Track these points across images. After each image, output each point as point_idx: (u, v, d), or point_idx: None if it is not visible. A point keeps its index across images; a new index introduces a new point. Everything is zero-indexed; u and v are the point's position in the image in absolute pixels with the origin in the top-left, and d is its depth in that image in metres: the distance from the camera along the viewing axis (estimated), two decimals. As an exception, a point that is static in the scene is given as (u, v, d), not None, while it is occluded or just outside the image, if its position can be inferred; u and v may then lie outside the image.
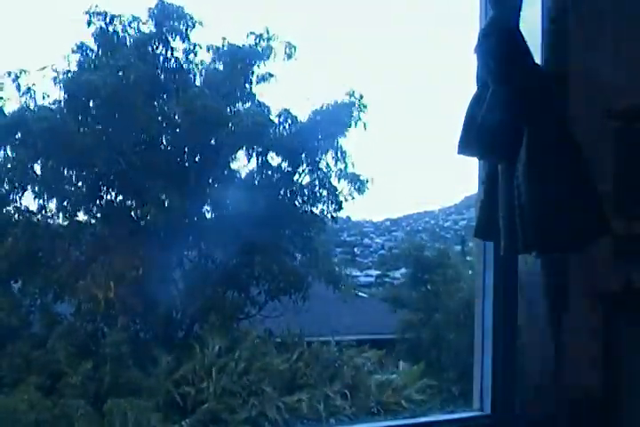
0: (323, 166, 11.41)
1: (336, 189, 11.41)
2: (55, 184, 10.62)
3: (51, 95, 10.60)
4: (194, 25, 11.15)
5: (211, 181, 11.22)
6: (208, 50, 11.34)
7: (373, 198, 11.67)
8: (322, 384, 9.96)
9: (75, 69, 10.68)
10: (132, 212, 11.09)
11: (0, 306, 10.14)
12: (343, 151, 11.35)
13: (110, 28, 10.86)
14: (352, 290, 11.70)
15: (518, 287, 2.96)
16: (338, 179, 11.41)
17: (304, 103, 11.53)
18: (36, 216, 10.75)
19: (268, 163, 11.37)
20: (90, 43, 10.83)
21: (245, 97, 11.36)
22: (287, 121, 11.25)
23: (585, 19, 2.80)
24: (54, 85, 10.56)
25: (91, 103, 10.54)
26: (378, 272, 17.17)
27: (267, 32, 11.21)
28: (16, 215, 10.70)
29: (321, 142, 11.28)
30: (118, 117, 10.53)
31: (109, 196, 11.12)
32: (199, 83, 11.30)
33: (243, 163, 11.42)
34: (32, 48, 12.35)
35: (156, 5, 11.08)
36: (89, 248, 10.55)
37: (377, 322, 13.19)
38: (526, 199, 2.48)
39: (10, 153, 10.55)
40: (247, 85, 11.32)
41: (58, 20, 12.22)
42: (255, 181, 11.29)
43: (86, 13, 10.74)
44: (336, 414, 9.55)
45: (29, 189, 10.67)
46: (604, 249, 2.72)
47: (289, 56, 11.19)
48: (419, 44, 15.63)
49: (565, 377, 2.88)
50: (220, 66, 11.36)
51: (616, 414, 2.84)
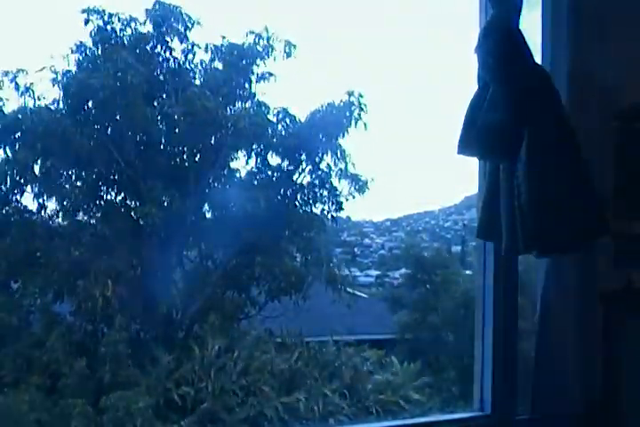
0: (323, 166, 11.40)
1: (336, 189, 11.40)
2: (54, 184, 10.60)
3: (49, 95, 10.60)
4: (192, 25, 11.13)
5: (210, 181, 11.21)
6: (207, 49, 11.31)
7: (373, 198, 11.64)
8: (321, 384, 9.97)
9: (73, 69, 10.66)
10: (132, 212, 11.07)
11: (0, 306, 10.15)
12: (343, 151, 11.33)
13: (108, 27, 10.84)
14: (352, 290, 11.68)
15: (518, 287, 2.96)
16: (338, 179, 11.41)
17: (304, 102, 11.52)
18: (36, 216, 10.74)
19: (268, 162, 11.36)
20: (88, 42, 10.82)
21: (245, 96, 11.34)
22: (287, 120, 11.23)
23: (585, 19, 2.80)
24: (53, 85, 10.56)
25: (90, 103, 10.52)
26: (378, 272, 17.14)
27: (266, 31, 11.20)
28: (15, 215, 10.69)
29: (321, 142, 11.26)
30: (117, 117, 10.52)
31: (109, 195, 11.11)
32: (198, 82, 11.28)
33: (242, 162, 11.42)
34: (29, 47, 12.32)
35: (154, 6, 11.06)
36: (88, 248, 10.54)
37: (377, 322, 13.18)
38: (526, 199, 2.48)
39: (9, 153, 10.54)
40: (247, 85, 11.30)
41: (55, 19, 12.15)
42: (255, 181, 11.28)
43: (84, 12, 10.73)
44: (335, 413, 9.56)
45: (28, 189, 10.67)
46: (604, 249, 2.72)
47: (288, 55, 11.17)
48: (419, 44, 15.58)
49: (566, 377, 2.88)
50: (220, 65, 11.33)
51: (617, 413, 2.84)
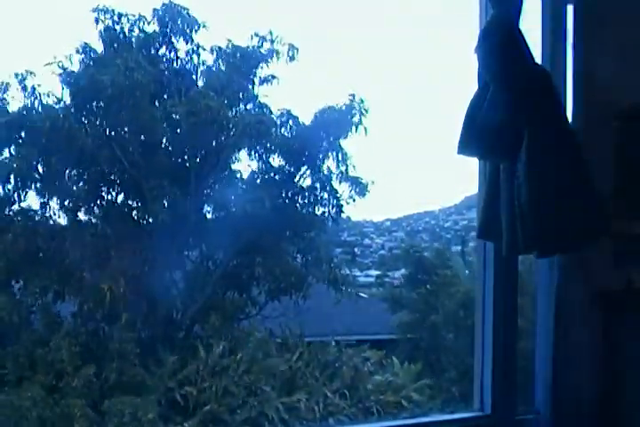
0: (324, 169, 11.41)
1: (337, 192, 11.41)
2: (57, 183, 10.62)
3: (55, 94, 10.62)
4: (198, 27, 11.15)
5: (212, 182, 11.22)
6: (212, 51, 11.34)
7: (374, 199, 11.63)
8: (321, 384, 9.97)
9: (80, 68, 10.68)
10: (134, 212, 11.09)
11: (1, 305, 10.15)
12: (344, 154, 11.35)
13: (117, 27, 10.87)
14: (352, 290, 11.68)
15: (518, 287, 2.97)
16: (339, 182, 11.41)
17: (306, 105, 11.52)
18: (38, 215, 10.75)
19: (270, 164, 11.38)
20: (96, 41, 10.84)
21: (248, 98, 11.36)
22: (289, 123, 11.24)
23: (585, 19, 2.81)
24: (59, 84, 10.58)
25: (96, 101, 10.54)
26: (378, 272, 17.13)
27: (270, 34, 11.22)
28: (17, 214, 10.70)
29: (322, 144, 11.28)
30: (121, 117, 10.53)
31: (111, 195, 11.11)
32: (202, 84, 11.30)
33: (244, 164, 11.43)
34: (37, 46, 12.34)
35: (162, 6, 11.09)
36: (90, 247, 10.54)
37: (377, 322, 13.18)
38: (526, 199, 2.48)
39: (13, 152, 10.55)
40: (250, 87, 11.32)
41: (64, 18, 12.16)
42: (256, 182, 11.29)
43: (94, 11, 10.76)
44: (335, 414, 9.56)
45: (31, 188, 10.67)
46: (604, 249, 2.72)
47: (291, 58, 11.19)
48: (419, 44, 15.55)
49: (565, 377, 2.89)
50: (223, 67, 11.36)
51: (617, 413, 2.85)
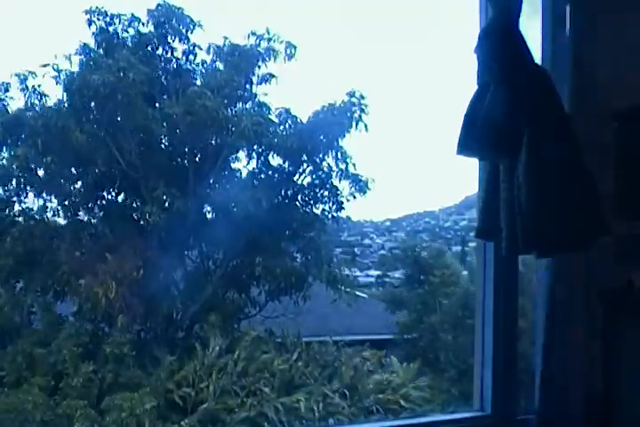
0: (324, 167, 11.40)
1: (337, 190, 11.41)
2: (55, 183, 10.62)
3: (52, 95, 10.62)
4: (194, 26, 11.14)
5: (211, 182, 11.22)
6: (209, 50, 11.33)
7: (374, 198, 11.64)
8: (321, 384, 9.97)
9: (76, 69, 10.68)
10: (133, 211, 11.09)
11: (1, 305, 10.15)
12: (344, 151, 11.34)
13: (110, 28, 10.87)
14: (352, 290, 11.68)
15: (518, 287, 2.97)
16: (339, 179, 11.41)
17: (305, 103, 11.53)
18: (37, 215, 10.75)
19: (269, 163, 11.37)
20: (90, 42, 10.83)
21: (246, 97, 11.35)
22: (288, 121, 11.23)
23: (585, 19, 2.80)
24: (56, 85, 10.58)
25: (92, 103, 10.54)
26: (378, 272, 17.14)
27: (267, 32, 11.21)
28: (17, 214, 10.70)
29: (322, 142, 11.27)
30: (119, 118, 10.53)
31: (110, 195, 11.12)
32: (199, 83, 11.29)
33: (243, 163, 11.43)
34: (32, 48, 12.34)
35: (156, 6, 11.08)
36: (89, 248, 10.55)
37: (377, 322, 13.18)
38: (526, 199, 2.48)
39: (12, 152, 10.55)
40: (248, 86, 11.31)
41: (58, 20, 12.17)
42: (256, 182, 11.28)
43: (86, 13, 10.74)
44: (335, 413, 9.56)
45: (29, 189, 10.67)
46: (605, 249, 2.72)
47: (290, 56, 11.18)
48: (419, 44, 15.61)
49: (565, 377, 2.88)
50: (221, 66, 11.35)
51: (616, 413, 2.85)
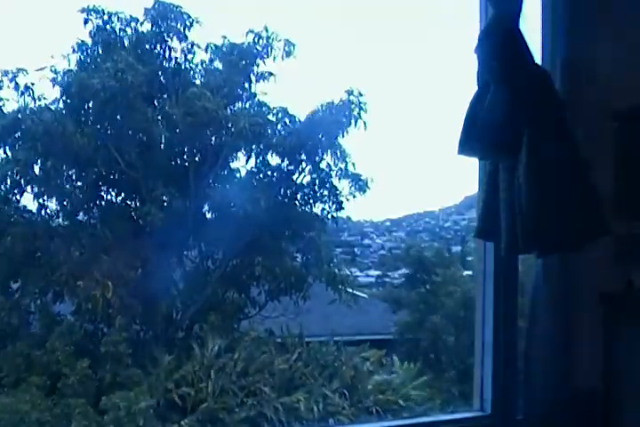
0: (323, 166, 11.39)
1: (336, 189, 11.39)
2: (54, 184, 10.59)
3: (50, 95, 10.59)
4: (192, 24, 11.12)
5: (210, 181, 11.21)
6: (207, 49, 11.31)
7: (374, 198, 11.63)
8: (321, 384, 9.97)
9: (73, 69, 10.66)
10: (132, 212, 11.08)
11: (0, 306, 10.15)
12: (343, 150, 11.33)
13: (108, 27, 10.84)
14: (352, 290, 11.67)
15: (518, 287, 2.96)
16: (338, 178, 11.40)
17: (304, 102, 11.50)
18: (36, 216, 10.74)
19: (268, 162, 11.36)
20: (87, 41, 10.80)
21: (245, 96, 11.34)
22: (286, 120, 11.22)
23: (585, 20, 2.80)
24: (53, 85, 10.55)
25: (90, 103, 10.52)
26: (378, 272, 17.14)
27: (266, 30, 11.19)
28: (15, 215, 10.68)
29: (321, 141, 11.25)
30: (117, 118, 10.52)
31: (109, 196, 11.11)
32: (198, 82, 11.28)
33: (242, 162, 11.42)
34: (28, 46, 12.31)
35: (153, 5, 11.06)
36: (88, 248, 10.54)
37: (377, 322, 13.19)
38: (526, 199, 2.48)
39: (9, 153, 10.53)
40: (246, 85, 11.30)
41: (55, 19, 12.15)
42: (255, 181, 11.27)
43: (83, 11, 10.72)
44: (335, 413, 9.55)
45: (28, 190, 10.67)
46: (605, 249, 2.72)
47: (288, 54, 11.16)
48: (419, 44, 15.58)
49: (566, 377, 2.88)
50: (219, 65, 11.33)
51: (616, 413, 2.84)
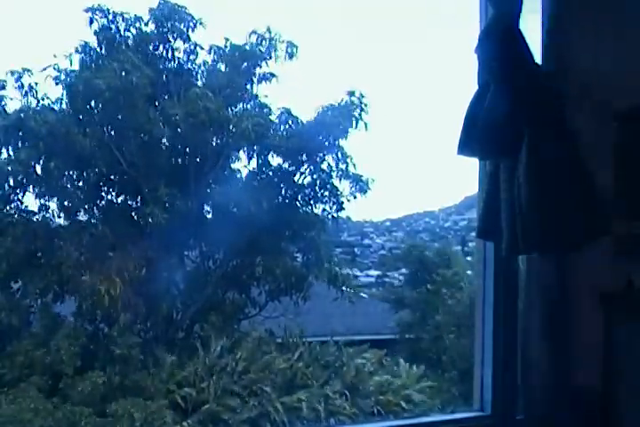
0: (324, 167, 11.40)
1: (337, 190, 11.41)
2: (56, 184, 10.60)
3: (52, 95, 10.61)
4: (195, 25, 11.14)
5: (211, 182, 11.22)
6: (210, 50, 11.32)
7: (374, 198, 11.65)
8: (322, 384, 9.97)
9: (77, 69, 10.67)
10: (133, 212, 11.09)
11: (0, 306, 10.15)
12: (344, 151, 11.35)
13: (112, 27, 10.85)
14: (353, 291, 11.67)
15: (518, 287, 2.96)
16: (339, 179, 11.41)
17: (306, 103, 11.52)
18: (37, 216, 10.75)
19: (269, 163, 11.37)
20: (92, 41, 10.82)
21: (247, 97, 11.35)
22: (288, 121, 11.23)
23: (585, 20, 2.80)
24: (56, 85, 10.56)
25: (92, 103, 10.53)
26: (378, 272, 17.15)
27: (268, 32, 11.21)
28: (16, 215, 10.69)
29: (322, 142, 11.27)
30: (120, 118, 10.52)
31: (110, 196, 11.11)
32: (200, 83, 11.29)
33: (244, 163, 11.43)
34: (33, 46, 12.35)
35: (158, 5, 11.07)
36: (89, 248, 10.54)
37: (377, 322, 13.19)
38: (526, 199, 2.48)
39: (11, 153, 10.54)
40: (249, 86, 11.31)
41: (59, 18, 12.18)
42: (256, 182, 11.29)
43: (88, 11, 10.73)
44: (336, 414, 9.56)
45: (30, 189, 10.67)
46: (605, 249, 2.72)
47: (290, 56, 11.18)
48: (419, 44, 15.63)
49: (566, 377, 2.88)
50: (222, 66, 11.35)
51: (616, 413, 2.84)
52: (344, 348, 10.71)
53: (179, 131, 10.83)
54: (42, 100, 10.50)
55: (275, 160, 11.33)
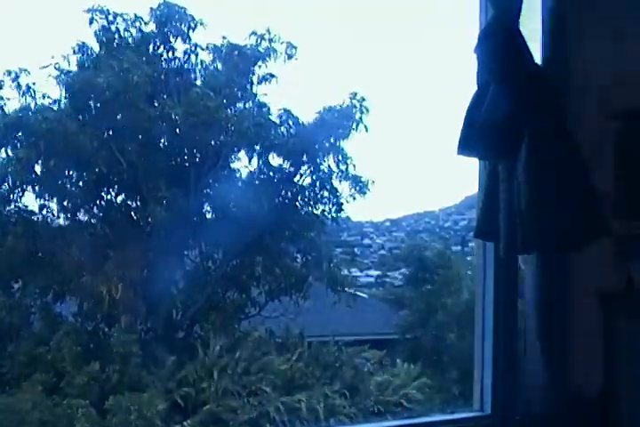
0: (324, 168, 11.42)
1: (337, 191, 11.42)
2: (56, 184, 10.62)
3: (52, 95, 10.62)
4: (195, 25, 11.15)
5: (211, 182, 11.23)
6: (209, 50, 11.34)
7: (374, 199, 11.65)
8: (322, 384, 9.97)
9: (76, 69, 10.68)
10: (133, 212, 11.10)
11: (1, 306, 10.15)
12: (344, 153, 11.36)
13: (112, 27, 10.86)
14: (352, 291, 11.68)
15: (518, 287, 2.96)
16: (339, 180, 11.43)
17: (306, 104, 11.53)
18: (37, 216, 10.76)
19: (269, 163, 11.38)
20: (91, 41, 10.84)
21: (246, 97, 11.36)
22: (288, 122, 11.25)
23: (585, 20, 2.80)
24: (55, 85, 10.58)
25: (92, 103, 10.54)
26: (378, 272, 17.14)
27: (268, 32, 11.22)
28: (16, 215, 10.70)
29: (322, 143, 11.28)
30: (119, 117, 10.54)
31: (110, 196, 11.13)
32: (200, 83, 11.29)
33: (243, 163, 11.44)
34: (33, 46, 12.35)
35: (158, 6, 11.09)
36: (89, 248, 10.55)
37: (377, 322, 13.18)
38: (526, 199, 2.48)
39: (10, 153, 10.54)
40: (248, 86, 11.32)
41: (59, 18, 12.18)
42: (256, 182, 11.29)
43: (88, 11, 10.74)
44: (336, 414, 9.56)
45: (30, 189, 10.68)
46: (604, 249, 2.71)
47: (290, 56, 11.19)
48: (419, 45, 15.62)
49: (566, 377, 2.88)
50: (222, 66, 11.35)
51: (616, 413, 2.84)
52: (344, 348, 10.71)
53: (178, 130, 10.84)
54: (41, 98, 10.51)
55: (275, 160, 11.35)
